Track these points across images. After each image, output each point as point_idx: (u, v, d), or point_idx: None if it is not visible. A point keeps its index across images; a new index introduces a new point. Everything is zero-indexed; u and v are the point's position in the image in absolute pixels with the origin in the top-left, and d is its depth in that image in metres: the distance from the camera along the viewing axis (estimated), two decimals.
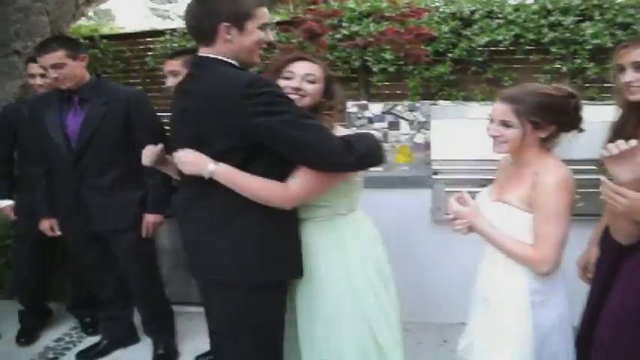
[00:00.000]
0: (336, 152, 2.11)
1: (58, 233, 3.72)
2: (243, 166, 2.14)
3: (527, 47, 5.43)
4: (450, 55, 5.48)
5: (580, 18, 5.30)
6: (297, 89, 2.41)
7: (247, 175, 2.15)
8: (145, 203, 3.54)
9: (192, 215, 2.30)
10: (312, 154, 2.11)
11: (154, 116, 3.61)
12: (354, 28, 5.59)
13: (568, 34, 5.24)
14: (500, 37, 5.37)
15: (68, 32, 6.14)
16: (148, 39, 6.83)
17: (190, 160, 2.19)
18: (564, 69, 5.26)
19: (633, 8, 5.22)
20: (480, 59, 5.42)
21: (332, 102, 2.55)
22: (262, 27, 2.19)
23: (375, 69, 5.57)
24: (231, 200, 2.18)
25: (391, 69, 5.53)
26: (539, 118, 2.17)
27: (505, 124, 2.21)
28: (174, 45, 6.38)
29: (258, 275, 2.25)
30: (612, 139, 2.33)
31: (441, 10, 5.66)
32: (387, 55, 5.44)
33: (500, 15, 5.48)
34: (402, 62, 5.52)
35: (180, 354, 3.87)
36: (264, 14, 2.19)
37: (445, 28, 5.47)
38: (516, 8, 5.49)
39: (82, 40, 5.88)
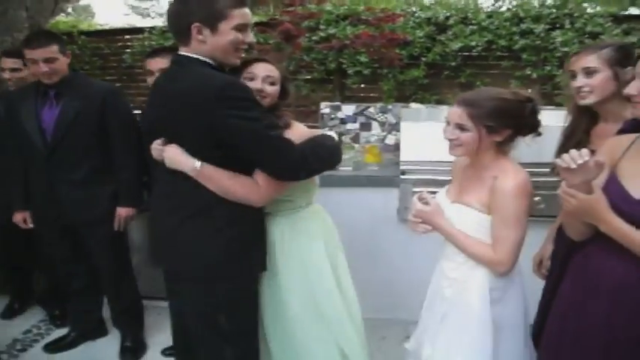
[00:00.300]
0: (291, 168, 2.21)
1: (31, 226, 3.74)
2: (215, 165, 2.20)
3: (500, 53, 5.55)
4: (424, 59, 5.58)
5: (551, 26, 5.43)
6: (260, 91, 2.47)
7: (226, 174, 2.21)
8: (117, 197, 3.57)
9: (166, 211, 2.33)
10: (270, 165, 2.20)
11: (129, 112, 3.66)
12: (331, 30, 5.67)
13: (539, 42, 5.37)
14: (473, 43, 5.47)
15: (47, 28, 6.14)
16: (127, 36, 6.84)
17: (174, 156, 2.23)
18: (535, 75, 5.38)
19: (602, 18, 5.37)
20: (453, 64, 5.52)
21: (287, 101, 2.67)
22: (239, 28, 2.19)
23: (350, 71, 5.64)
24: (204, 197, 2.22)
25: (366, 72, 5.61)
26: (494, 122, 2.23)
27: (460, 127, 2.27)
28: (153, 43, 6.41)
29: (230, 269, 2.30)
30: (564, 143, 2.45)
31: (416, 15, 5.75)
32: (363, 58, 5.52)
33: (473, 21, 5.59)
34: (376, 65, 5.61)
35: (147, 347, 3.91)
36: (241, 15, 2.18)
37: (420, 33, 5.57)
38: (489, 15, 5.61)
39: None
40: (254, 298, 2.50)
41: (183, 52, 2.23)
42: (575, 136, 2.55)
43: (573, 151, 1.76)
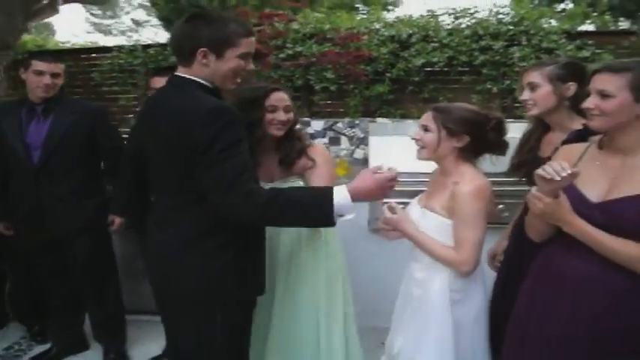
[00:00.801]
0: (243, 212, 2.06)
1: (10, 233, 3.78)
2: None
3: (461, 69, 5.80)
4: (388, 75, 5.78)
5: (508, 43, 5.70)
6: (284, 123, 2.62)
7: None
8: (103, 208, 3.65)
9: (167, 233, 2.28)
10: (221, 194, 2.06)
11: (116, 130, 3.83)
12: (298, 48, 5.84)
13: (498, 57, 5.62)
14: (435, 59, 5.70)
15: (17, 46, 6.19)
16: (94, 55, 6.92)
17: None
18: (495, 89, 5.61)
19: (556, 34, 5.66)
20: (416, 79, 5.73)
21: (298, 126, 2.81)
22: (243, 56, 2.21)
23: (317, 87, 5.82)
24: (203, 220, 2.20)
25: (332, 88, 5.79)
26: (454, 125, 2.41)
27: (425, 128, 2.47)
28: (121, 62, 6.51)
29: (230, 293, 2.28)
30: (519, 149, 2.67)
31: (380, 32, 5.96)
32: (329, 75, 5.69)
33: (435, 39, 5.82)
34: (342, 81, 5.79)
35: None
36: (248, 44, 2.19)
37: (384, 50, 5.77)
38: (450, 33, 5.85)
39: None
40: (249, 321, 2.47)
41: (181, 73, 2.25)
42: (528, 143, 2.79)
43: (555, 164, 1.90)
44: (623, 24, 15.90)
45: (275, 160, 2.75)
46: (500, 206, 3.58)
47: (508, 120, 2.65)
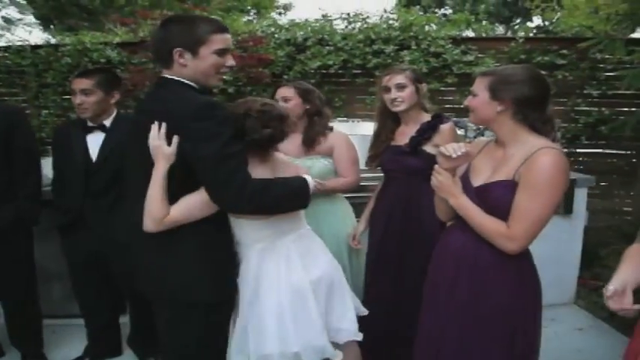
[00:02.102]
0: (233, 200, 2.13)
1: None
2: (185, 188, 2.18)
3: (354, 71, 6.09)
4: (285, 77, 5.96)
5: (399, 47, 6.05)
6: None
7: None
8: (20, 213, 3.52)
9: (145, 236, 2.26)
10: (214, 192, 2.14)
11: (32, 134, 3.63)
12: None
13: (389, 61, 5.94)
14: (330, 62, 5.96)
15: None
16: None
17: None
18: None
19: (443, 40, 6.05)
20: (313, 81, 5.88)
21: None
22: (219, 52, 2.25)
23: (215, 90, 5.86)
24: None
25: (231, 90, 5.92)
26: None
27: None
28: (8, 62, 6.32)
29: (210, 295, 2.29)
30: (374, 141, 3.16)
31: (277, 36, 6.14)
32: (227, 77, 5.76)
33: (330, 42, 6.07)
34: (240, 83, 5.93)
35: None
36: (221, 40, 2.23)
37: (281, 53, 5.95)
38: (344, 37, 6.12)
39: None
40: (228, 322, 2.46)
41: (166, 74, 2.27)
42: (381, 136, 3.14)
43: (454, 145, 2.18)
44: (499, 29, 16.87)
45: (299, 140, 3.19)
46: None
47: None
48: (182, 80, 2.23)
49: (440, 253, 2.38)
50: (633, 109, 6.07)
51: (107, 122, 3.29)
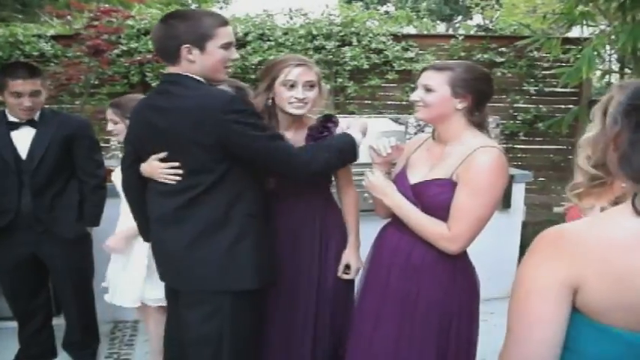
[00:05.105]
0: (303, 165, 2.27)
1: None
2: (219, 181, 2.21)
3: None
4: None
5: (340, 43, 6.02)
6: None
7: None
8: None
9: (176, 229, 2.30)
10: (284, 167, 2.27)
11: None
12: (133, 44, 5.76)
13: (331, 57, 5.93)
14: (271, 57, 5.83)
15: None
16: None
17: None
18: (328, 87, 5.84)
19: (384, 36, 6.06)
20: (253, 77, 5.83)
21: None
22: (225, 46, 2.23)
23: (154, 84, 5.74)
24: (213, 213, 2.24)
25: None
26: None
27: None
28: None
29: (243, 283, 2.29)
30: None
31: None
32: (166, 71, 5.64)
33: (271, 38, 6.00)
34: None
35: None
36: (225, 34, 2.22)
37: None
38: (285, 32, 6.06)
39: None
40: (260, 313, 2.48)
41: (175, 71, 2.25)
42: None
43: (385, 140, 2.20)
44: (440, 27, 17.09)
45: None
46: (365, 194, 3.78)
47: (340, 116, 2.82)
48: (192, 76, 2.21)
49: (376, 250, 2.36)
50: (570, 106, 6.20)
51: (35, 117, 3.17)
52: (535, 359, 1.13)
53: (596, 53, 4.69)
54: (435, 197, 2.09)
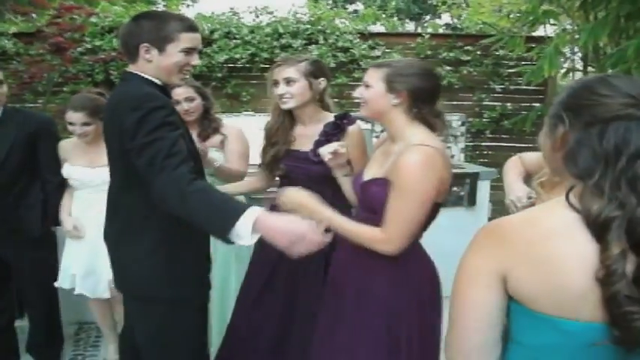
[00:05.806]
0: (169, 196, 1.98)
1: None
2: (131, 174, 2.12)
3: (262, 65, 5.95)
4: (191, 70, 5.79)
5: (307, 41, 6.02)
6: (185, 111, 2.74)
7: None
8: None
9: (108, 230, 2.33)
10: (150, 179, 2.02)
11: None
12: (97, 42, 5.70)
13: (297, 55, 5.85)
14: (237, 56, 5.85)
15: None
16: None
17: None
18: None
19: (351, 35, 6.07)
20: (219, 75, 5.83)
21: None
22: (187, 51, 2.19)
23: (118, 82, 5.68)
24: (135, 215, 2.20)
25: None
26: None
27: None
28: None
29: (169, 291, 2.22)
30: (267, 142, 2.76)
31: None
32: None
33: (237, 36, 5.98)
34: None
35: None
36: (189, 39, 2.17)
37: None
38: (252, 30, 6.05)
39: None
40: (200, 322, 2.42)
41: (131, 69, 2.24)
42: (276, 135, 2.78)
43: (335, 144, 2.26)
44: (409, 26, 17.18)
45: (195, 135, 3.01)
46: None
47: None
48: (143, 75, 2.18)
49: (336, 255, 2.36)
50: (534, 104, 6.26)
51: None
52: (470, 344, 1.17)
53: (559, 51, 4.74)
54: (374, 196, 2.09)
